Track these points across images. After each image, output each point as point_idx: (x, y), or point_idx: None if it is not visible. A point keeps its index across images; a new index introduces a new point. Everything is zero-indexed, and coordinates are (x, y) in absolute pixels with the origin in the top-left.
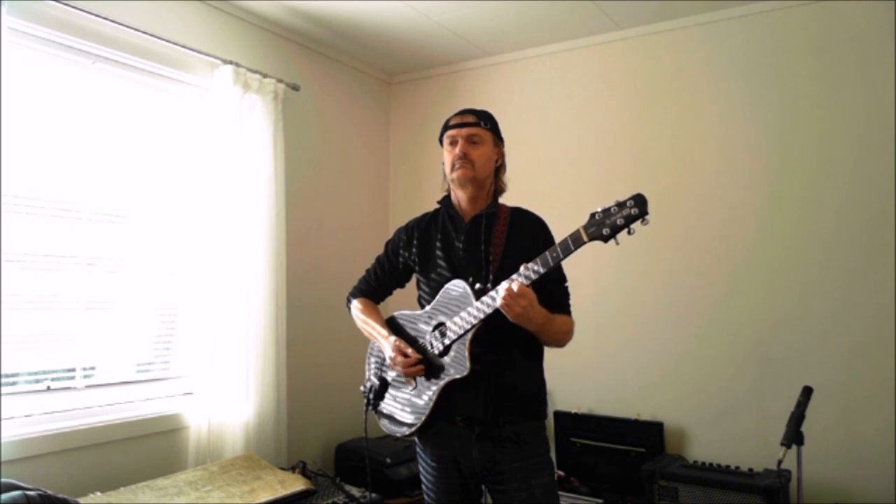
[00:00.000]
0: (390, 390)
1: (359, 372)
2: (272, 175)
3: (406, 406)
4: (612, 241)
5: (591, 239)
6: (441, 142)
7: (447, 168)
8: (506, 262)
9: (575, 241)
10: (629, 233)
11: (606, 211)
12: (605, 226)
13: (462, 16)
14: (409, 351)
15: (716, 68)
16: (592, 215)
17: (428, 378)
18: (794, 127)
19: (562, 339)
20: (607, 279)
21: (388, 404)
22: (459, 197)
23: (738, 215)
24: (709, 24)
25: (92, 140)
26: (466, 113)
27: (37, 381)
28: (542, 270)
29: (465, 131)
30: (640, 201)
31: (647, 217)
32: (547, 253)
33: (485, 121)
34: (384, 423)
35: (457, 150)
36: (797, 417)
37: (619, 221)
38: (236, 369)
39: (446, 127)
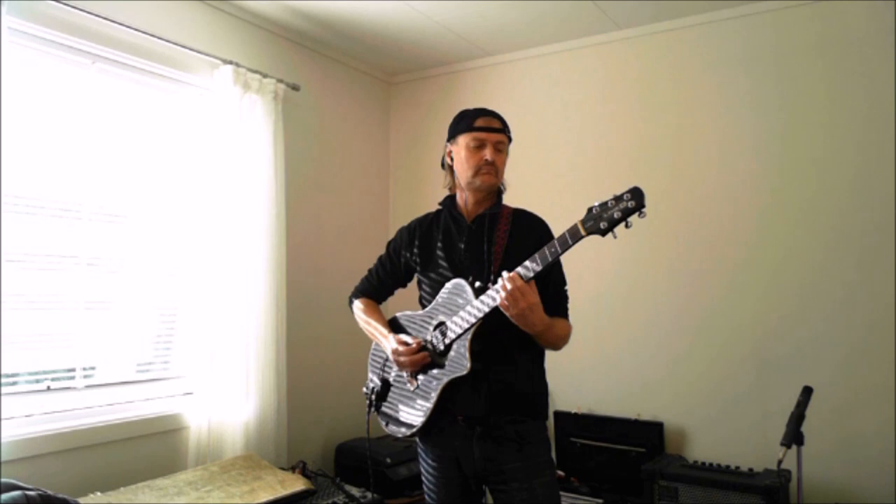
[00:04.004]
0: (392, 391)
1: (359, 372)
2: (272, 175)
3: (408, 406)
4: (609, 235)
5: (589, 233)
6: (452, 137)
7: (468, 169)
8: (507, 261)
9: (573, 236)
10: (627, 226)
11: (603, 205)
12: (602, 219)
13: (462, 16)
14: (409, 339)
15: (716, 68)
16: (590, 210)
17: (429, 377)
18: (795, 127)
19: (558, 344)
20: (607, 280)
21: (390, 405)
22: (469, 199)
23: (738, 215)
24: (709, 24)
25: (92, 140)
26: (492, 116)
27: (37, 381)
28: (539, 266)
29: (494, 137)
30: (636, 194)
31: (644, 210)
32: (545, 248)
33: (507, 128)
34: (386, 423)
35: (486, 155)
36: (797, 417)
37: (617, 215)
38: (236, 369)
39: (470, 126)
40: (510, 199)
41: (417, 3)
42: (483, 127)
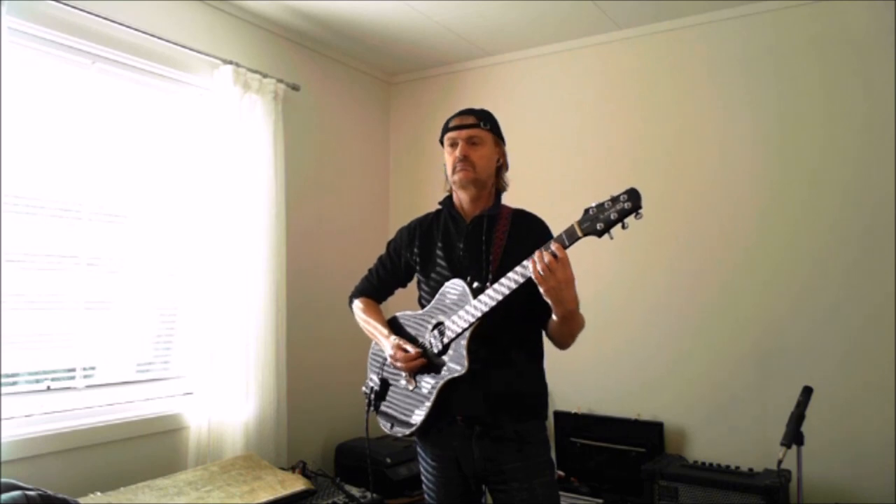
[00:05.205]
0: (391, 391)
1: (359, 372)
2: (272, 175)
3: (407, 406)
4: (606, 236)
5: (586, 234)
6: (442, 142)
7: (448, 170)
8: (506, 262)
9: (570, 237)
10: (623, 227)
11: (600, 206)
12: (598, 220)
13: (462, 16)
14: (409, 346)
15: (716, 68)
16: (586, 210)
17: (428, 377)
18: (794, 126)
19: (575, 334)
20: (607, 280)
21: (389, 405)
22: (461, 198)
23: (737, 215)
24: (709, 24)
25: (92, 140)
26: (466, 114)
27: (37, 381)
28: None
29: (464, 133)
30: (633, 195)
31: (640, 211)
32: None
33: (485, 121)
34: (385, 423)
35: (457, 152)
36: (797, 417)
37: (613, 216)
38: (236, 369)
39: (446, 128)
40: (509, 199)
41: (417, 3)
42: (454, 126)
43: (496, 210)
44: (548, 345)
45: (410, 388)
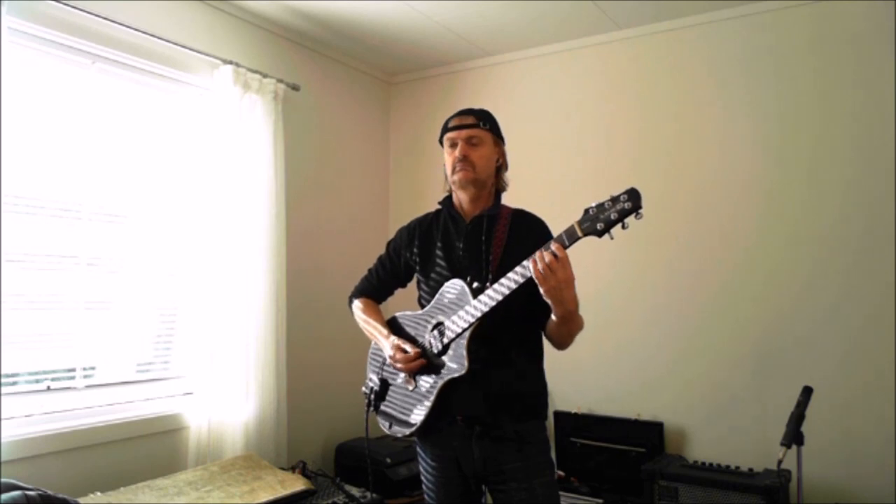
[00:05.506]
0: (391, 391)
1: (359, 372)
2: (272, 175)
3: (406, 406)
4: (606, 236)
5: (586, 234)
6: (441, 143)
7: (448, 170)
8: (505, 262)
9: (570, 237)
10: (623, 227)
11: (600, 206)
12: (599, 220)
13: (462, 16)
14: (408, 346)
15: (716, 68)
16: (587, 210)
17: (428, 377)
18: (794, 126)
19: (574, 336)
20: (607, 279)
21: (389, 405)
22: (461, 198)
23: (737, 215)
24: (709, 24)
25: (92, 140)
26: (465, 114)
27: (37, 381)
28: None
29: (464, 133)
30: (633, 195)
31: (640, 211)
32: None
33: (484, 121)
34: (385, 423)
35: (457, 152)
36: (797, 417)
37: (613, 216)
38: (236, 369)
39: (445, 129)
40: (509, 199)
41: (417, 3)
42: (453, 126)
43: (496, 210)
44: (548, 345)
45: (410, 388)
